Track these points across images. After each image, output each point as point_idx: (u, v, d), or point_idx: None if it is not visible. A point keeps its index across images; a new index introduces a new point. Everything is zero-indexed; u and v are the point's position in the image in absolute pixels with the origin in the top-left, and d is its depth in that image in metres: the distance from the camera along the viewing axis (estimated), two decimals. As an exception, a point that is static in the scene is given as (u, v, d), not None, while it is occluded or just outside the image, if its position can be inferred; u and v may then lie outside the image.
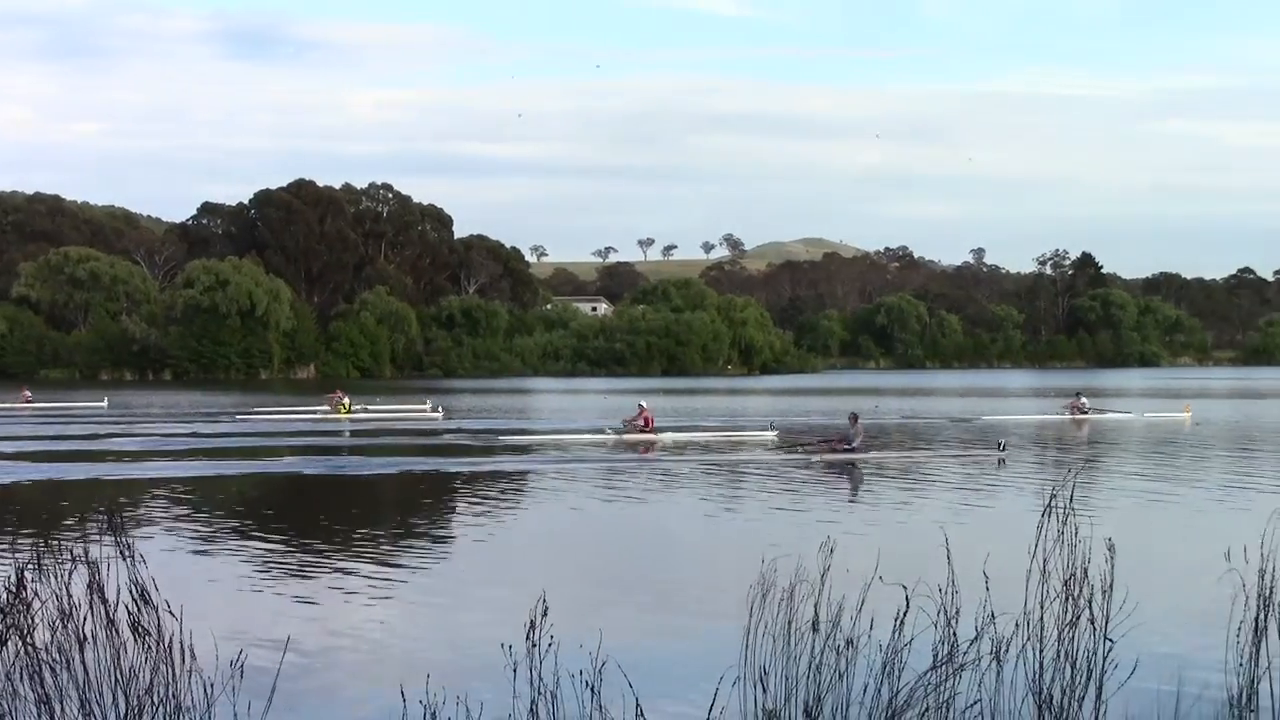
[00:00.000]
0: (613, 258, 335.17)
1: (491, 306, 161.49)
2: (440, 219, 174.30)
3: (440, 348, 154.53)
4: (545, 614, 8.76)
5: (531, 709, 8.71)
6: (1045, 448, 42.80)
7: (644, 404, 47.67)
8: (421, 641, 14.25)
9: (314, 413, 62.93)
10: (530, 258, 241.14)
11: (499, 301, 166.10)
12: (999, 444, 37.59)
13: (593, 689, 8.60)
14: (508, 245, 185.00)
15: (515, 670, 8.70)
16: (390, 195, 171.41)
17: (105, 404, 72.84)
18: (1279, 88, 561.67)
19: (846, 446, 36.76)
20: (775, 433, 45.45)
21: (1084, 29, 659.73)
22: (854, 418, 38.81)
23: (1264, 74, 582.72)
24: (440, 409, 64.77)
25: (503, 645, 8.88)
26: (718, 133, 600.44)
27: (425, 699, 8.54)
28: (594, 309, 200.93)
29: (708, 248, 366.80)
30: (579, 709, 8.68)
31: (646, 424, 45.78)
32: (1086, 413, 59.01)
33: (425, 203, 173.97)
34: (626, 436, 45.08)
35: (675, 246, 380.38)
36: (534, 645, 8.68)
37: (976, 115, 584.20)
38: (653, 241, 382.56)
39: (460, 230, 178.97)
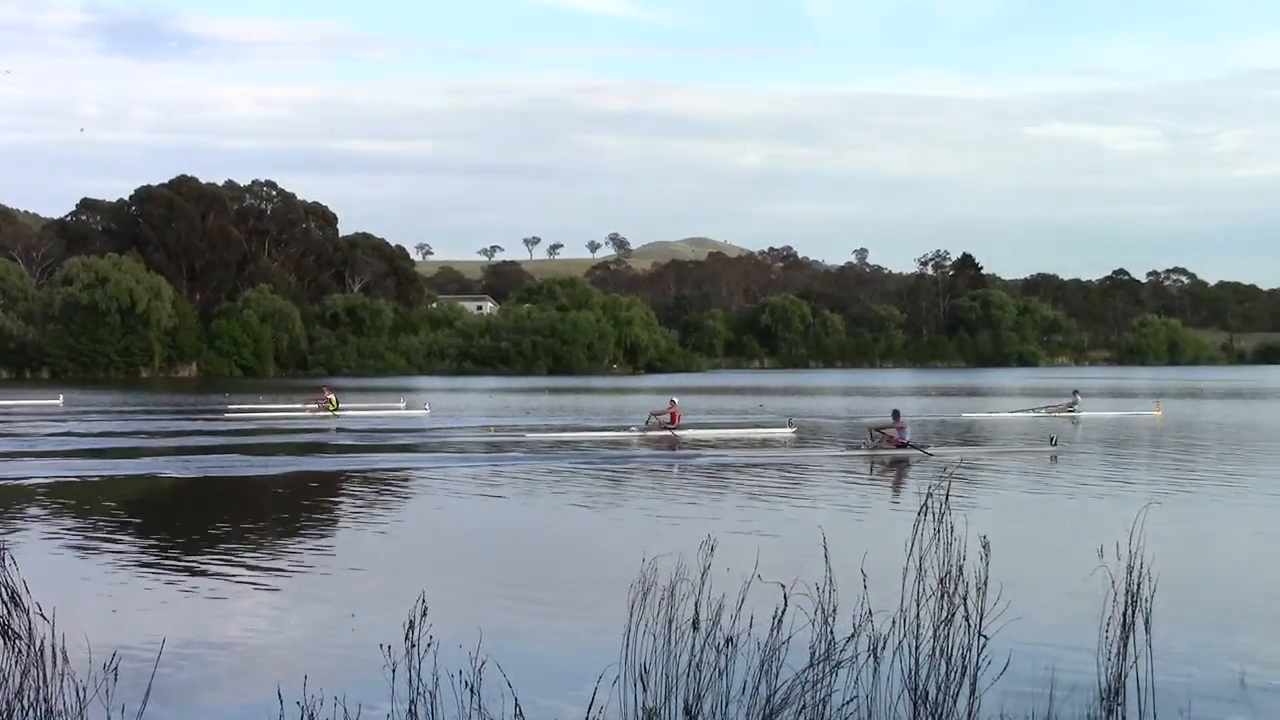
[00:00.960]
0: (498, 257, 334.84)
1: (376, 305, 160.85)
2: (324, 217, 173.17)
3: (324, 346, 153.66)
4: (425, 614, 8.74)
5: (410, 709, 8.69)
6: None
7: (675, 400, 48.36)
8: (300, 643, 14.10)
9: (301, 411, 62.94)
10: (416, 256, 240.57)
11: (384, 300, 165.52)
12: (1052, 439, 38.84)
13: (472, 689, 8.59)
14: (393, 244, 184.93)
15: (394, 670, 8.67)
16: (274, 193, 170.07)
17: (60, 401, 72.13)
18: (1152, 91, 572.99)
19: (903, 441, 37.34)
20: (793, 429, 45.87)
21: (962, 32, 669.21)
22: (896, 414, 39.26)
23: (1137, 78, 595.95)
24: (427, 406, 65.56)
25: (382, 645, 8.85)
26: (603, 132, 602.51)
27: (303, 700, 8.49)
28: (479, 308, 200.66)
29: (593, 247, 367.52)
30: (458, 709, 8.68)
31: (673, 419, 46.11)
32: (1075, 411, 59.76)
33: (309, 200, 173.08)
34: (651, 433, 45.54)
35: (561, 246, 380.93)
36: (413, 645, 8.65)
37: (858, 116, 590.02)
38: (538, 240, 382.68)
39: (345, 228, 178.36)
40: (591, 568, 19.32)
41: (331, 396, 63.21)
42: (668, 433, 45.17)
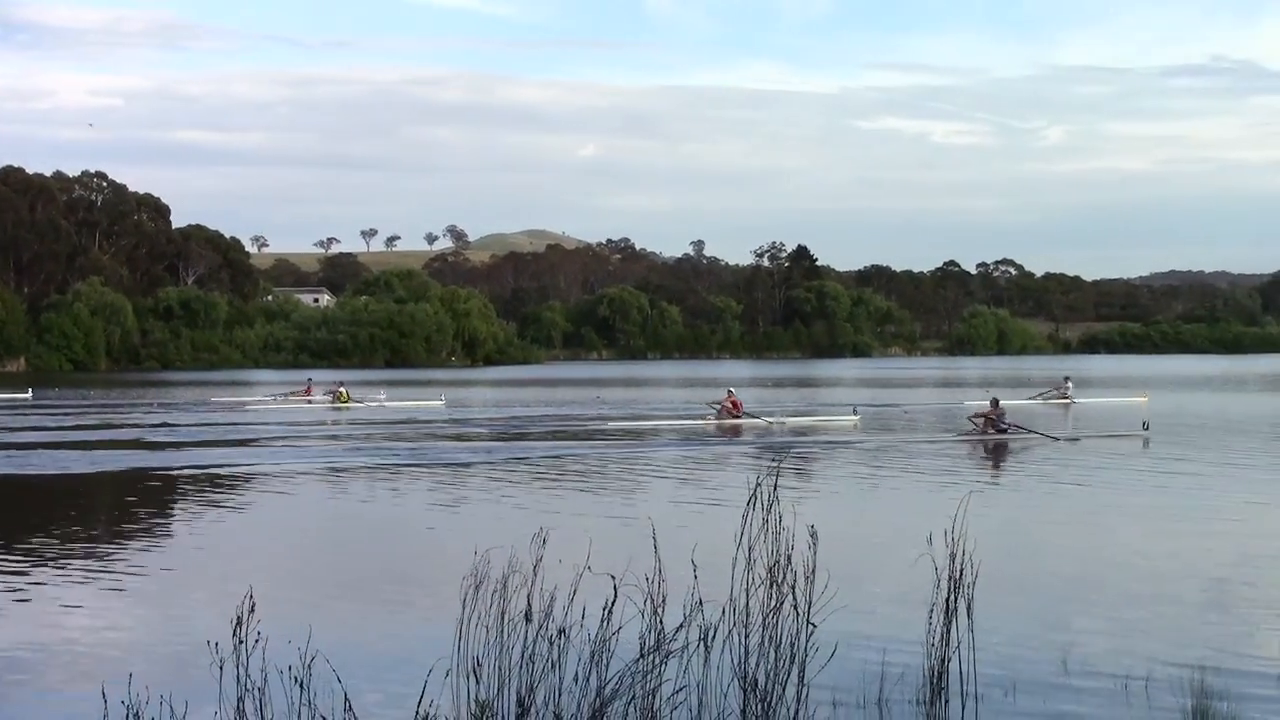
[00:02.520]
0: (335, 248, 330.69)
1: (210, 298, 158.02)
2: (157, 208, 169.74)
3: (157, 340, 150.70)
4: (253, 610, 8.65)
5: (238, 707, 8.60)
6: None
7: (732, 390, 50.71)
8: (126, 643, 13.85)
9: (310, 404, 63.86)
10: (251, 248, 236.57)
11: (218, 293, 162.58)
12: (1143, 424, 40.17)
13: (301, 684, 8.53)
14: (227, 235, 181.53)
15: (221, 668, 8.58)
16: (104, 184, 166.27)
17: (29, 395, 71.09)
18: (980, 87, 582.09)
19: (1004, 425, 40.07)
20: (858, 417, 47.56)
21: (797, 27, 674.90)
22: (995, 402, 42.17)
23: (966, 74, 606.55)
24: (442, 398, 66.38)
25: (209, 643, 8.74)
26: (440, 124, 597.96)
27: (128, 700, 8.36)
28: (316, 300, 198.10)
29: (431, 239, 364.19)
30: (287, 704, 8.61)
31: (735, 408, 47.86)
32: (1068, 398, 61.33)
33: (141, 192, 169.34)
34: (716, 422, 47.48)
35: (398, 238, 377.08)
36: (240, 643, 8.57)
37: (695, 109, 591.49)
38: (375, 232, 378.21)
39: (178, 220, 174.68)
40: (428, 562, 19.27)
41: (344, 389, 63.80)
42: (736, 421, 47.16)
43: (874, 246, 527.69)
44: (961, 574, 10.42)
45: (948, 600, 10.43)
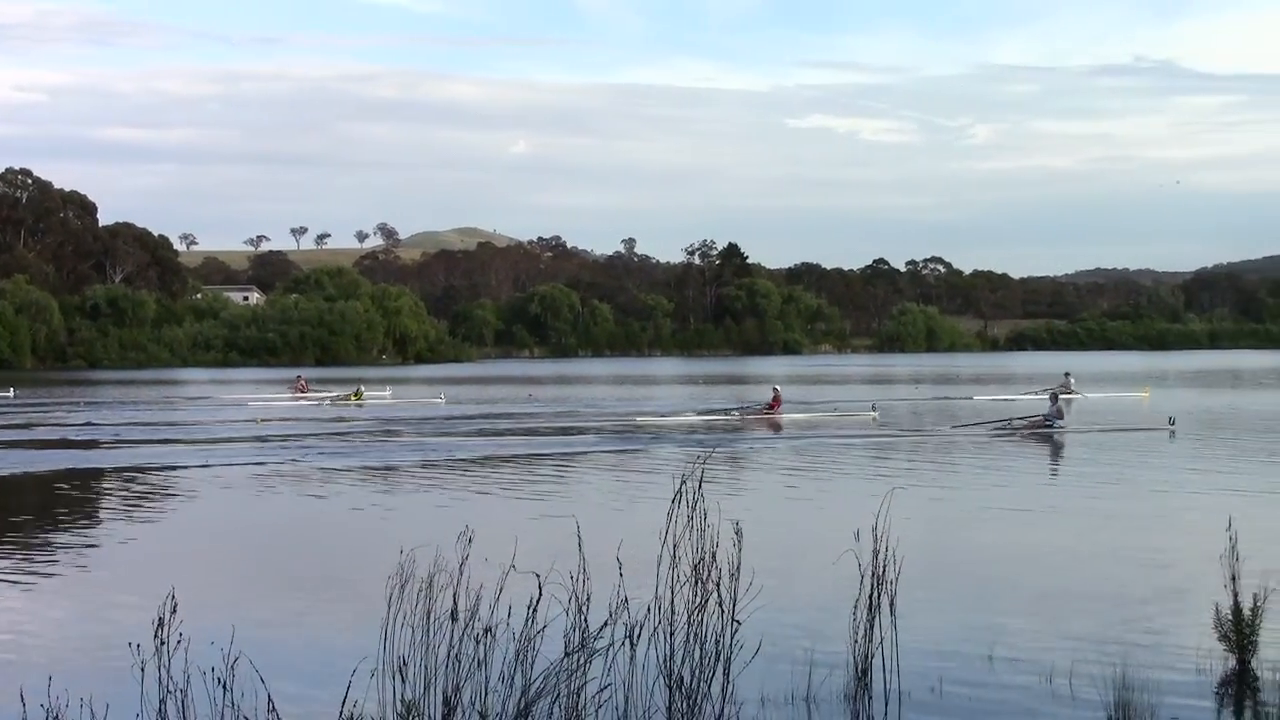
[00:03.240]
0: (265, 246, 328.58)
1: (138, 296, 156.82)
2: (83, 206, 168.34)
3: (84, 338, 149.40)
4: (174, 611, 8.56)
5: (160, 709, 8.52)
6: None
7: (778, 387, 52.49)
8: (46, 644, 13.71)
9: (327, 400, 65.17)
10: (179, 246, 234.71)
11: (146, 291, 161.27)
12: (1170, 419, 42.01)
13: (224, 685, 8.46)
14: (155, 233, 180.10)
15: (143, 670, 8.50)
16: (29, 181, 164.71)
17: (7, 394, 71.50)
18: (909, 85, 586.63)
19: (1049, 420, 42.19)
20: (877, 413, 49.07)
21: (729, 25, 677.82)
22: (1054, 396, 44.84)
23: (895, 72, 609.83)
24: (441, 395, 67.42)
25: (131, 644, 8.66)
26: (371, 121, 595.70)
27: (47, 703, 8.25)
28: (246, 298, 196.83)
29: (362, 237, 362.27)
30: (210, 706, 8.55)
31: (774, 405, 49.71)
32: (1073, 393, 61.71)
33: (67, 189, 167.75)
34: (753, 416, 49.42)
35: (329, 235, 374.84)
36: (162, 644, 8.48)
37: (626, 107, 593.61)
38: (306, 230, 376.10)
39: (105, 218, 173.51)
40: (356, 562, 19.16)
41: (360, 388, 65.16)
42: (769, 416, 48.99)
43: (804, 244, 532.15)
44: (885, 571, 10.48)
45: (871, 597, 10.50)
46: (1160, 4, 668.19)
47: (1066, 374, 67.18)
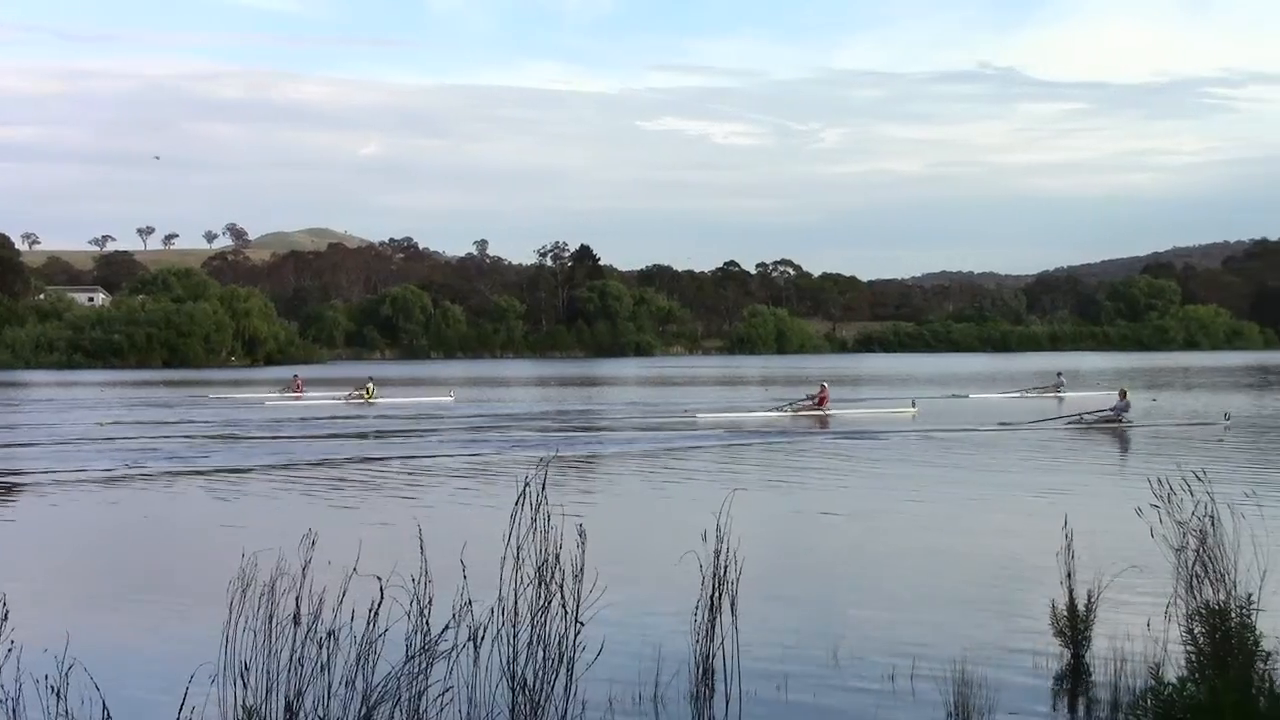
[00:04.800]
0: (111, 246, 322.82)
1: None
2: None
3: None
4: (5, 618, 8.44)
5: (-9, 719, 8.40)
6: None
7: (826, 384, 54.51)
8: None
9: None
10: (22, 246, 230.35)
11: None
12: (1225, 414, 43.68)
13: (58, 693, 8.34)
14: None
15: (-29, 679, 8.36)
16: None
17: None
18: (760, 89, 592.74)
19: (1115, 414, 44.35)
20: (916, 409, 51.25)
21: (582, 27, 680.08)
22: (1123, 393, 46.47)
23: (746, 76, 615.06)
24: (451, 394, 69.10)
25: (-43, 654, 8.51)
26: (220, 120, 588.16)
27: None
28: (91, 299, 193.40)
29: (210, 237, 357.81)
30: (43, 714, 8.42)
31: (821, 402, 51.60)
32: (1063, 392, 64.45)
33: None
34: (804, 412, 51.03)
35: (176, 236, 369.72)
36: (-10, 652, 8.35)
37: (478, 108, 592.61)
38: (153, 230, 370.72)
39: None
40: (197, 566, 18.93)
41: (370, 386, 65.45)
42: (819, 412, 50.85)
43: (656, 246, 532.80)
44: (726, 570, 10.61)
45: (712, 597, 10.62)
46: (1002, 13, 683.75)
47: (1059, 374, 70.83)
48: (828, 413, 50.96)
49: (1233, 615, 9.62)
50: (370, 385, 65.38)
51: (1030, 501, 25.01)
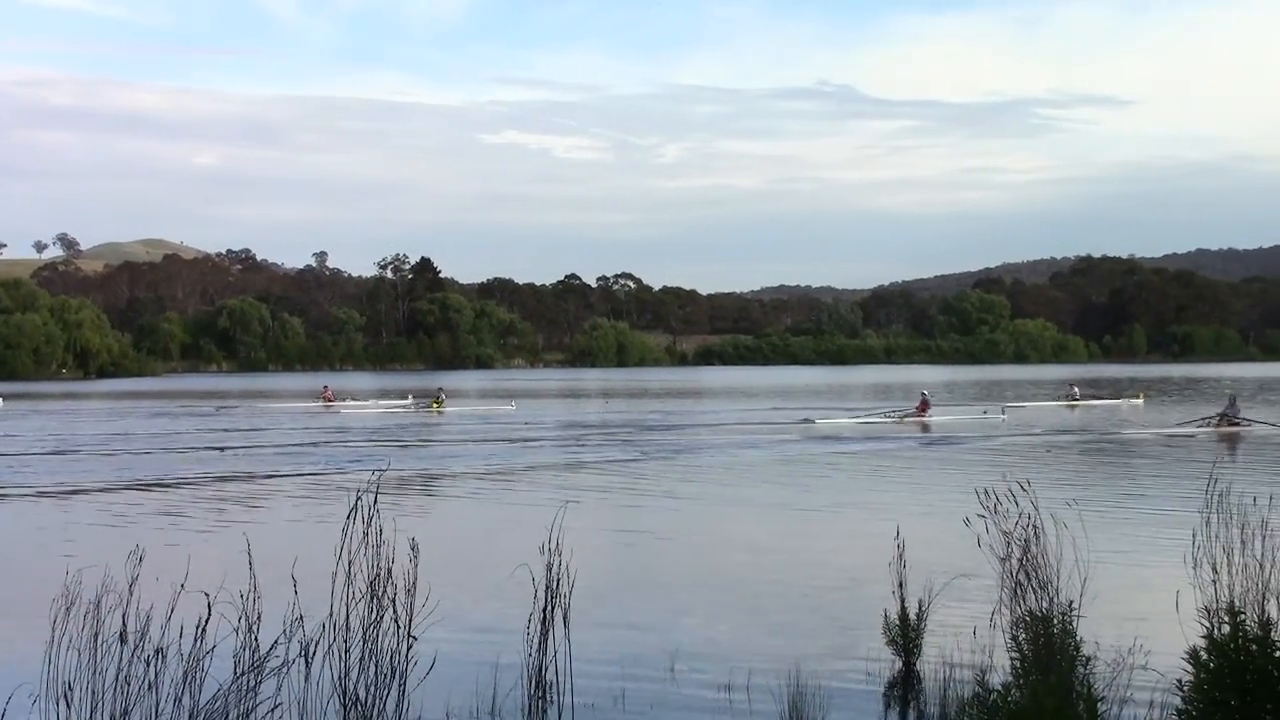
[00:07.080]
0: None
1: None
2: None
3: None
4: None
5: None
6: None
7: (925, 392, 58.94)
8: None
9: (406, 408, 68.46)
10: None
11: None
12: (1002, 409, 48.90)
13: None
14: None
15: None
16: None
17: None
18: (600, 103, 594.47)
19: (1235, 419, 46.94)
20: (1005, 416, 55.47)
21: (425, 40, 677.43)
22: (1232, 399, 49.53)
23: (587, 90, 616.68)
24: (513, 403, 70.09)
25: None
26: (50, 128, 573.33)
27: None
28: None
29: (40, 247, 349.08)
30: None
31: (923, 409, 55.46)
32: (1078, 400, 68.57)
33: None
34: (907, 419, 54.71)
35: (4, 246, 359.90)
36: None
37: (318, 119, 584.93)
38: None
39: None
40: (19, 583, 18.53)
41: (442, 396, 67.46)
42: (920, 419, 54.39)
43: (497, 259, 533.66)
44: (559, 583, 10.63)
45: (545, 610, 10.63)
46: (841, 32, 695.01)
47: (1072, 385, 75.17)
48: (929, 418, 54.39)
49: (1055, 621, 9.83)
50: (441, 395, 67.48)
51: (867, 515, 25.32)
